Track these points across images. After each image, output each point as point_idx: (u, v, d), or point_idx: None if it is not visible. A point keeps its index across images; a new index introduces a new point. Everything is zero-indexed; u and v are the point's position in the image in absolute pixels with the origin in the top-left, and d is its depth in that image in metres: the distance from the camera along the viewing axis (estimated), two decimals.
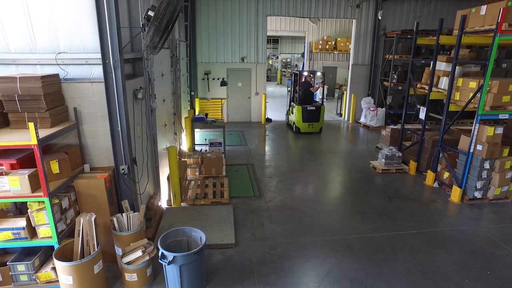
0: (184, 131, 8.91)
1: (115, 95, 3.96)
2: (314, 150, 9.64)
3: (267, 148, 9.77)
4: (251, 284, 4.00)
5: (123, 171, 4.23)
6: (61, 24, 3.85)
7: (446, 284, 4.10)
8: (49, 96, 3.66)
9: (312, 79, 12.24)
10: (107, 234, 4.17)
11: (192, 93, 11.73)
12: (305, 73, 11.29)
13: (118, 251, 4.04)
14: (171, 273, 3.67)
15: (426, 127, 7.85)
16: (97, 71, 3.98)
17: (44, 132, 3.47)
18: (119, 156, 4.23)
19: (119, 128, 4.10)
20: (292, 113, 11.53)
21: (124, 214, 4.10)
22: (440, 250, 4.82)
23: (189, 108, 11.11)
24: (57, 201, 3.67)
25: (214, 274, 4.18)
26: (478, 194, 6.29)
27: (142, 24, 4.31)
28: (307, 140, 10.68)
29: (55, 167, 3.62)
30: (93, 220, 3.66)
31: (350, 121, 13.40)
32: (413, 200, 6.43)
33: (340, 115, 14.58)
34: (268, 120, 13.04)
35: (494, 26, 5.49)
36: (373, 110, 12.31)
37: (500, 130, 5.99)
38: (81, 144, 4.17)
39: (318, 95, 18.32)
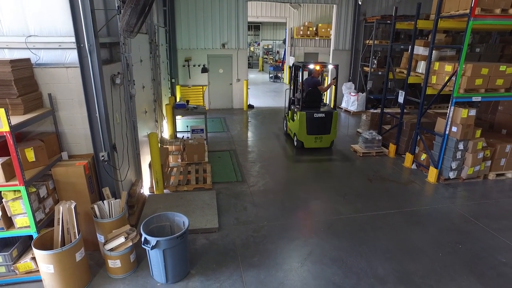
0: (165, 118, 8.80)
1: (91, 81, 3.86)
2: None
3: (249, 134, 9.78)
4: (235, 266, 4.07)
5: (102, 158, 4.17)
6: (30, 4, 3.67)
7: (422, 259, 4.29)
8: (21, 81, 3.53)
9: (321, 74, 9.28)
10: (88, 222, 4.12)
11: (173, 80, 11.54)
12: (311, 66, 8.23)
13: (101, 238, 4.01)
14: (155, 258, 3.69)
15: (405, 111, 8.05)
16: (72, 56, 3.85)
17: (16, 119, 3.36)
18: (98, 143, 4.15)
19: (97, 115, 4.02)
20: (293, 120, 8.62)
21: (105, 202, 4.06)
22: (417, 227, 5.01)
23: (170, 95, 10.94)
24: (34, 189, 3.58)
25: (199, 258, 4.22)
26: (452, 174, 6.54)
27: (118, 6, 4.18)
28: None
29: (30, 155, 3.52)
30: (73, 208, 3.60)
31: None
32: (392, 182, 6.62)
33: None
34: (250, 107, 13.01)
35: (468, 11, 5.62)
36: (353, 95, 12.47)
37: (473, 112, 6.20)
38: (58, 132, 4.06)
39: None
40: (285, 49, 20.24)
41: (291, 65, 9.33)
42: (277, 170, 7.11)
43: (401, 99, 7.54)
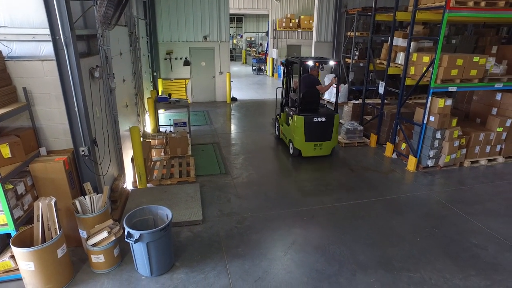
0: (147, 112, 8.70)
1: (69, 74, 3.77)
2: None
3: (232, 126, 9.78)
4: (220, 257, 4.11)
5: (83, 153, 4.10)
6: None
7: (401, 244, 4.45)
8: None
9: (320, 72, 8.25)
10: (70, 218, 4.07)
11: (155, 73, 11.37)
12: (310, 63, 7.26)
13: (83, 234, 3.97)
14: (139, 251, 3.69)
15: (386, 101, 8.21)
16: (47, 49, 3.75)
17: None
18: (78, 138, 4.08)
19: (76, 109, 3.94)
20: (287, 124, 7.65)
21: (87, 197, 4.01)
22: (397, 214, 5.17)
23: (151, 89, 10.79)
24: (10, 186, 3.50)
25: (183, 250, 4.24)
26: (430, 163, 6.75)
27: None
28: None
29: (5, 151, 3.44)
30: (53, 204, 3.55)
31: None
32: (374, 171, 6.78)
33: None
34: (234, 99, 12.98)
35: (443, 3, 5.76)
36: (336, 87, 12.58)
37: (449, 102, 6.39)
38: (35, 127, 3.97)
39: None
40: (268, 41, 20.20)
41: (283, 61, 8.38)
42: (260, 162, 7.16)
43: (381, 90, 7.69)
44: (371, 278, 3.83)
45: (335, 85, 7.06)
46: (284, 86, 8.11)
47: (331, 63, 7.58)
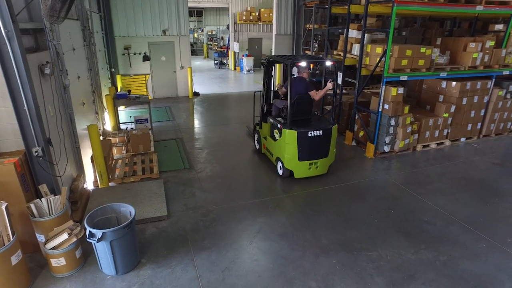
0: (106, 109, 8.41)
1: (15, 71, 3.56)
2: (243, 122, 9.86)
3: (196, 121, 9.71)
4: (186, 251, 4.13)
5: (36, 154, 3.92)
6: None
7: (360, 226, 4.71)
8: None
9: (310, 72, 6.76)
10: (25, 222, 3.88)
11: (112, 69, 10.97)
12: (303, 64, 6.04)
13: (41, 238, 3.81)
14: (102, 251, 3.62)
15: (345, 91, 8.52)
16: None
17: None
18: (30, 138, 3.89)
19: (26, 108, 3.74)
20: (273, 139, 6.30)
21: (43, 199, 3.85)
22: (356, 199, 5.45)
23: (110, 86, 10.41)
24: None
25: (149, 246, 4.21)
26: (387, 148, 7.14)
27: None
28: (239, 109, 10.80)
29: None
30: (3, 209, 3.37)
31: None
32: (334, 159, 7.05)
33: None
34: (196, 94, 12.85)
35: None
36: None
37: (401, 90, 6.78)
38: None
39: (246, 67, 18.56)
40: (229, 35, 20.10)
41: (263, 60, 7.21)
42: (224, 155, 7.19)
43: (339, 80, 7.98)
44: (333, 259, 4.04)
45: (331, 90, 5.99)
46: (265, 90, 6.88)
47: (328, 62, 6.26)
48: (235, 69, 19.64)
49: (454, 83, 7.36)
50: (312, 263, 3.98)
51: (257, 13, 18.48)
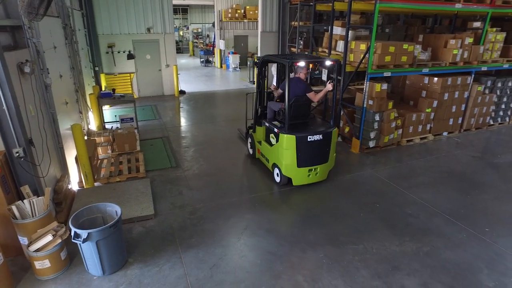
0: (91, 109, 8.27)
1: None
2: (230, 120, 9.85)
3: (182, 120, 9.65)
4: (174, 249, 4.12)
5: (17, 155, 3.83)
6: None
7: (346, 220, 4.79)
8: None
9: (309, 73, 6.28)
10: (6, 225, 3.79)
11: (96, 68, 10.78)
12: (301, 64, 5.58)
13: (23, 240, 3.74)
14: (88, 251, 3.58)
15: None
16: None
17: None
18: (10, 139, 3.81)
19: (5, 107, 3.65)
20: (269, 144, 5.96)
21: (25, 201, 3.77)
22: (343, 193, 5.53)
23: (94, 85, 10.23)
24: None
25: (136, 246, 4.18)
26: (372, 143, 7.26)
27: None
28: (226, 106, 10.76)
29: None
30: None
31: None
32: None
33: (253, 82, 14.97)
34: (182, 92, 12.76)
35: None
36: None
37: (385, 86, 6.90)
38: None
39: (232, 65, 18.51)
40: (214, 32, 20.00)
41: (257, 60, 6.24)
42: (211, 153, 7.18)
43: (324, 77, 8.05)
44: (320, 254, 4.09)
45: (330, 91, 5.67)
46: (258, 92, 6.42)
47: (328, 62, 5.70)
48: (221, 67, 19.56)
49: (436, 79, 7.53)
50: (299, 257, 4.03)
51: (242, 11, 18.44)
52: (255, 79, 6.16)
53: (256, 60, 6.41)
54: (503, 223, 4.77)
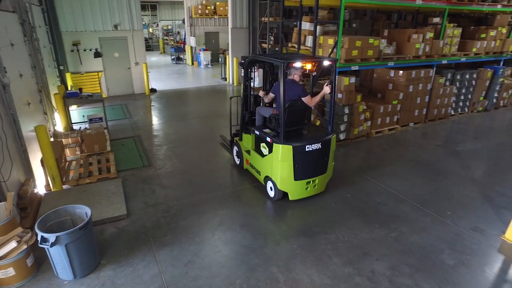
0: (56, 109, 7.95)
1: None
2: (202, 117, 9.79)
3: (153, 118, 9.48)
4: (148, 248, 4.08)
5: None
6: None
7: (320, 212, 4.92)
8: None
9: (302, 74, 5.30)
10: None
11: (61, 67, 10.35)
12: (297, 65, 4.99)
13: None
14: (57, 255, 3.47)
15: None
16: None
17: None
18: None
19: None
20: (261, 155, 5.33)
21: None
22: None
23: (59, 84, 9.83)
24: None
25: (109, 247, 4.10)
26: (343, 136, 7.45)
27: None
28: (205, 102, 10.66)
29: None
30: None
31: (235, 84, 13.86)
32: None
33: (225, 79, 14.93)
34: (153, 91, 12.52)
35: None
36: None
37: (353, 80, 7.09)
38: None
39: (203, 62, 18.33)
40: (185, 29, 19.70)
41: (242, 61, 5.70)
42: (183, 150, 7.12)
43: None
44: (294, 245, 4.18)
45: (329, 94, 5.16)
46: (245, 95, 5.80)
47: (326, 62, 5.13)
48: (192, 64, 19.33)
49: (401, 72, 7.83)
50: (273, 249, 4.10)
51: (212, 7, 18.28)
52: (242, 82, 5.66)
53: (241, 60, 5.61)
54: (463, 206, 5.07)
